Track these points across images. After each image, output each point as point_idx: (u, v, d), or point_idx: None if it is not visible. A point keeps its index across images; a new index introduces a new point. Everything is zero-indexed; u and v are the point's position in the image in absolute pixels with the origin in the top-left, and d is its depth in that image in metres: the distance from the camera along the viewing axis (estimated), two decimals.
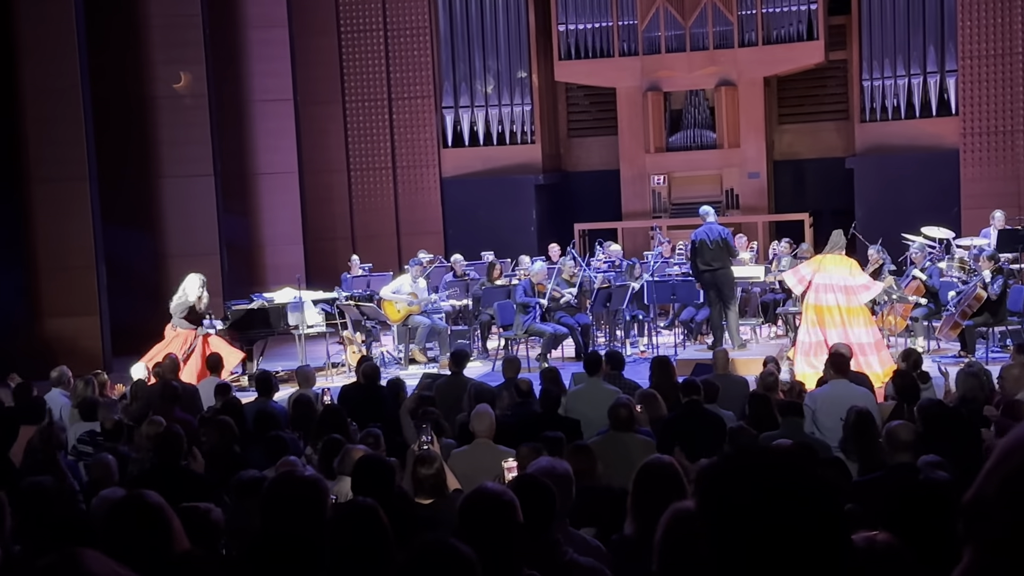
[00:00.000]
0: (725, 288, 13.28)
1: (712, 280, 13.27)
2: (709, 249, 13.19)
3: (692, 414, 7.82)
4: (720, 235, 13.25)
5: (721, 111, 19.48)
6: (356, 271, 17.09)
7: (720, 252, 13.22)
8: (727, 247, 13.30)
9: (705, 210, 13.70)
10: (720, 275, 13.26)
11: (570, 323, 14.39)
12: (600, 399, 8.69)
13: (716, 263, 13.21)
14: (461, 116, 20.36)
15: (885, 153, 18.82)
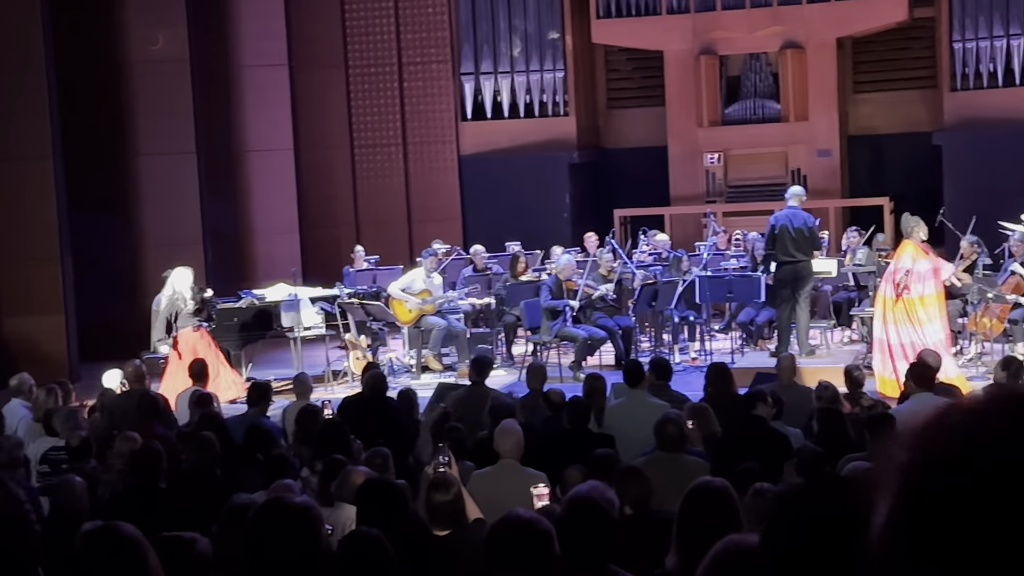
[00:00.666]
0: (803, 285, 13.26)
1: (793, 274, 13.24)
2: (792, 238, 13.16)
3: (753, 431, 7.81)
4: (806, 223, 13.23)
5: (786, 78, 19.41)
6: (360, 264, 17.11)
7: (805, 243, 13.20)
8: (813, 238, 13.28)
9: (793, 191, 13.68)
10: (802, 269, 13.25)
11: (609, 326, 14.39)
12: (644, 415, 8.68)
13: (799, 254, 13.19)
14: (483, 84, 20.36)
15: (979, 126, 18.71)
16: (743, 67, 19.77)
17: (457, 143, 20.47)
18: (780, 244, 13.21)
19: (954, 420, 1.22)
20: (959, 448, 1.19)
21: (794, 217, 13.25)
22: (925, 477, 1.19)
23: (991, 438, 1.18)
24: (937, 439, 1.21)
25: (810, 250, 13.31)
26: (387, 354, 15.22)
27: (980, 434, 1.18)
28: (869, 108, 20.45)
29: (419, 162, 20.57)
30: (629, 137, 21.14)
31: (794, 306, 13.28)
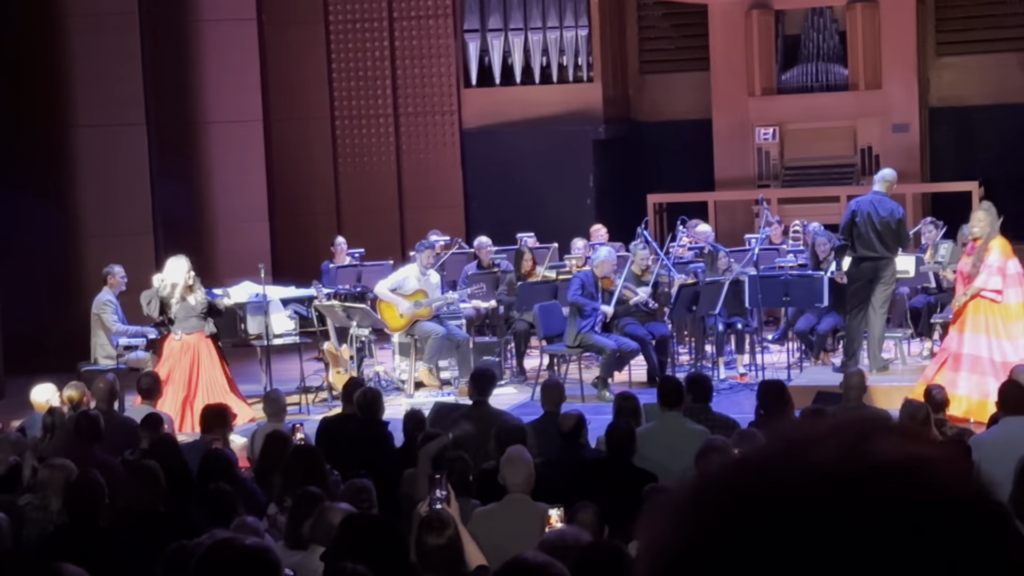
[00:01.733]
0: (882, 285, 13.25)
1: (873, 272, 13.22)
2: (875, 229, 13.15)
3: None
4: (894, 213, 13.21)
5: (856, 38, 19.39)
6: (342, 259, 17.11)
7: (891, 235, 13.19)
8: (900, 231, 13.27)
9: (884, 173, 13.66)
10: (884, 267, 13.24)
11: (641, 335, 14.37)
12: (680, 441, 8.68)
13: (883, 249, 13.18)
14: (490, 44, 20.37)
15: None
16: (803, 24, 19.75)
17: (459, 115, 20.48)
18: (860, 236, 13.20)
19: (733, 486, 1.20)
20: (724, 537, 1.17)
21: (880, 205, 13.23)
22: None
23: None
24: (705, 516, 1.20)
25: (896, 246, 13.30)
26: (373, 367, 15.20)
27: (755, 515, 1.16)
28: (955, 74, 20.41)
29: (413, 137, 20.58)
30: (666, 108, 21.13)
31: (867, 311, 13.26)
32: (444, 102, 20.49)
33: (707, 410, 9.73)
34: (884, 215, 13.16)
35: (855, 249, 13.29)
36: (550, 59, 20.35)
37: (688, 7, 20.36)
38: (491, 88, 20.45)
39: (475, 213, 20.22)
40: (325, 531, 5.92)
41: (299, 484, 7.04)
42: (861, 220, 13.20)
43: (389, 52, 20.50)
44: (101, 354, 14.23)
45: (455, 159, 20.50)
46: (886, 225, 13.16)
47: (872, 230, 13.15)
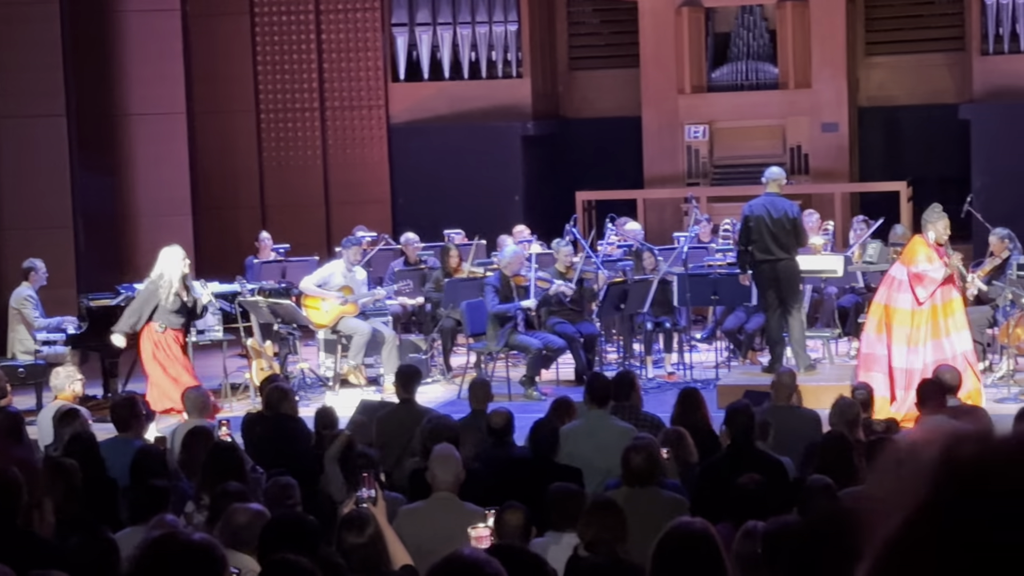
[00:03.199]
0: (789, 287, 13.29)
1: (772, 274, 13.27)
2: (770, 230, 13.19)
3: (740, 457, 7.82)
4: (787, 212, 13.25)
5: (786, 37, 19.49)
6: (267, 254, 17.03)
7: (786, 236, 13.22)
8: (796, 230, 13.30)
9: (772, 173, 13.70)
10: (783, 268, 13.26)
11: (569, 333, 14.38)
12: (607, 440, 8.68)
13: (779, 251, 13.21)
14: (419, 37, 20.31)
15: (1014, 99, 18.86)
16: (734, 22, 19.83)
17: (387, 109, 20.41)
18: (755, 239, 13.24)
19: (989, 451, 1.16)
20: (996, 488, 1.14)
21: (772, 206, 13.26)
22: (942, 518, 1.14)
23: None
24: (963, 472, 1.16)
25: (794, 245, 13.32)
26: (298, 364, 15.15)
27: None
28: (884, 74, 20.57)
29: (340, 131, 20.49)
30: (595, 105, 21.15)
31: (783, 313, 13.29)
32: (371, 96, 20.41)
33: (635, 409, 9.74)
34: (777, 215, 13.20)
35: (753, 253, 13.33)
36: (479, 54, 20.32)
37: (618, 4, 20.39)
38: (419, 83, 20.40)
39: (402, 209, 20.17)
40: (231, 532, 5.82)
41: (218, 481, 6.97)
42: (755, 224, 13.24)
43: (316, 45, 20.40)
44: (19, 349, 14.05)
45: (382, 154, 20.43)
46: (780, 225, 13.19)
47: (766, 232, 13.19)
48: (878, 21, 20.56)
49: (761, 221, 13.22)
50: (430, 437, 8.28)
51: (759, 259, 13.29)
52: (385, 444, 9.06)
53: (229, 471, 7.25)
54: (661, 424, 9.59)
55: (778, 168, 14.10)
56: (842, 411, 8.78)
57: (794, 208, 13.46)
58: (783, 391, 9.86)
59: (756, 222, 13.25)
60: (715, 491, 7.13)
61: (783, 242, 13.23)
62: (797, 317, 13.39)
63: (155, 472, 7.70)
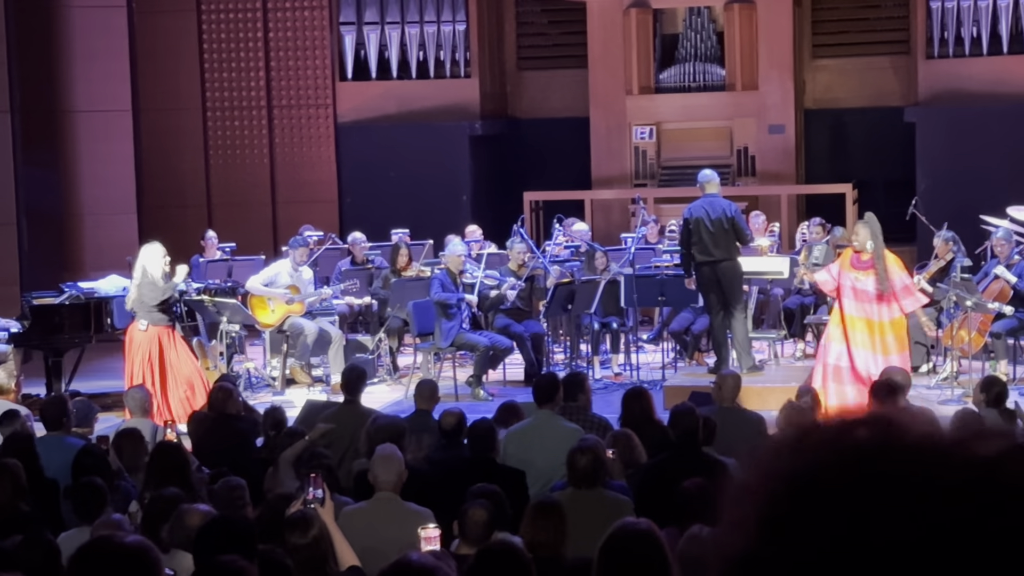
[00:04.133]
0: (730, 288, 13.34)
1: (713, 276, 13.32)
2: (709, 232, 13.23)
3: (685, 459, 7.84)
4: (725, 212, 13.29)
5: (733, 39, 19.55)
6: (213, 253, 16.96)
7: (725, 237, 13.26)
8: (736, 230, 13.34)
9: (705, 175, 13.74)
10: (724, 269, 13.30)
11: (517, 332, 14.39)
12: (554, 441, 8.68)
13: (719, 252, 13.25)
14: (367, 36, 20.26)
15: (959, 102, 18.99)
16: (682, 24, 19.87)
17: (334, 108, 20.35)
18: (695, 241, 13.29)
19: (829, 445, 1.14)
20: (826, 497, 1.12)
21: (711, 207, 13.30)
22: (775, 511, 1.13)
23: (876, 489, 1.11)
24: (801, 463, 1.15)
25: (733, 246, 13.37)
26: (244, 363, 15.10)
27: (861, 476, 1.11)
28: (830, 77, 20.67)
29: (287, 130, 20.41)
30: (543, 105, 21.16)
31: (726, 314, 13.34)
32: (319, 95, 20.35)
33: (582, 409, 9.75)
34: (716, 216, 13.25)
35: (694, 256, 13.38)
36: (427, 53, 20.29)
37: (566, 4, 20.39)
38: (367, 82, 20.35)
39: (349, 208, 20.12)
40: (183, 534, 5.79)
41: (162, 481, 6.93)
42: (694, 226, 13.29)
43: (263, 43, 20.32)
44: None
45: (329, 153, 20.37)
46: (719, 226, 13.23)
47: (706, 233, 13.24)
48: (824, 24, 20.67)
49: (700, 223, 13.27)
50: (375, 438, 8.27)
51: (699, 261, 13.32)
52: (329, 445, 9.03)
53: (172, 471, 7.21)
54: (609, 426, 9.60)
55: (710, 170, 14.11)
56: (790, 415, 8.84)
57: (732, 208, 13.49)
58: (728, 392, 9.89)
59: (695, 224, 13.30)
60: (659, 492, 7.14)
61: (722, 243, 13.27)
62: (740, 318, 13.43)
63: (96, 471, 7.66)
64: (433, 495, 7.52)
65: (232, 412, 9.69)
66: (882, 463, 1.12)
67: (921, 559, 1.08)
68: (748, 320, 13.85)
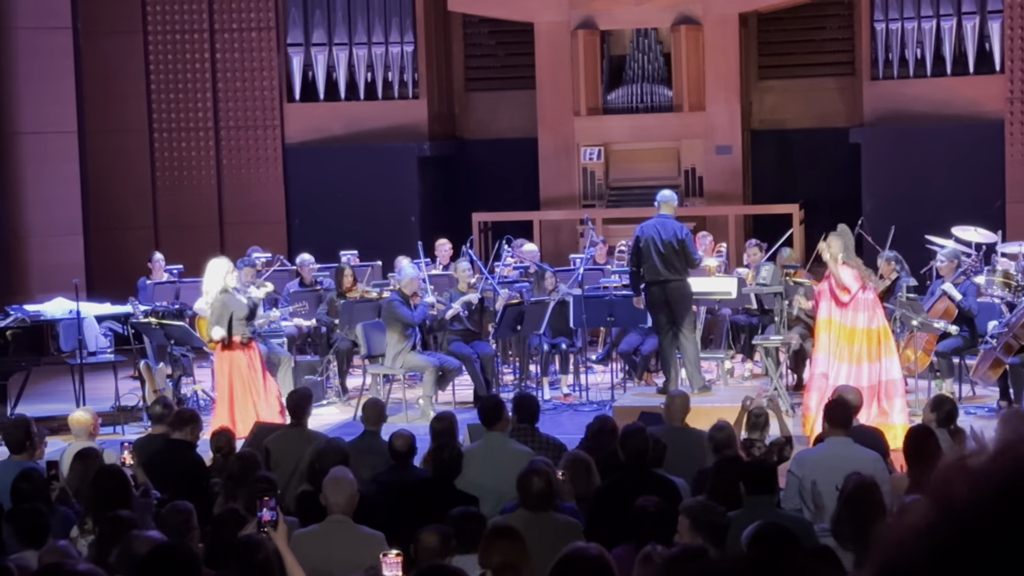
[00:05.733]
0: (679, 308, 13.36)
1: (662, 296, 13.34)
2: (660, 252, 13.26)
3: (636, 480, 7.83)
4: (676, 234, 13.32)
5: (680, 60, 19.63)
6: (160, 275, 16.85)
7: (676, 257, 13.30)
8: (685, 252, 13.37)
9: (664, 196, 13.77)
10: (673, 289, 13.33)
11: (465, 353, 14.37)
12: (502, 463, 8.65)
13: (669, 272, 13.28)
14: (314, 58, 20.23)
15: (904, 123, 19.14)
16: (629, 45, 19.94)
17: (282, 129, 20.30)
18: (645, 261, 13.32)
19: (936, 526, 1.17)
20: None
21: (663, 228, 13.33)
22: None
23: None
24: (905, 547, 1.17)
25: (683, 267, 13.41)
26: (192, 385, 15.01)
27: None
28: (776, 98, 20.79)
29: (235, 152, 20.33)
30: (492, 126, 21.18)
31: (676, 334, 13.37)
32: (267, 116, 20.29)
33: (533, 431, 9.73)
34: (667, 237, 13.28)
35: (643, 276, 13.41)
36: (375, 75, 20.27)
37: (514, 25, 20.43)
38: (315, 103, 20.31)
39: (298, 230, 20.06)
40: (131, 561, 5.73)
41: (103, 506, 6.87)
42: (644, 245, 13.33)
43: (210, 64, 20.25)
44: None
45: (277, 174, 20.30)
46: (669, 247, 13.27)
47: (656, 254, 13.27)
48: (770, 45, 20.80)
49: (651, 242, 13.29)
50: (318, 460, 8.26)
51: (649, 281, 13.35)
52: (274, 467, 8.99)
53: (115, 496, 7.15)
54: (562, 447, 9.58)
55: (670, 191, 14.17)
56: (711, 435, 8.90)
57: (683, 230, 13.53)
58: (677, 412, 9.90)
59: (646, 244, 13.32)
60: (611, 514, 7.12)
61: (673, 264, 13.30)
62: (690, 338, 13.45)
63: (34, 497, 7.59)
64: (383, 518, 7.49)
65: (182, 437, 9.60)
66: None
67: None
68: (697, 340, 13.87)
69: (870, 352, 12.28)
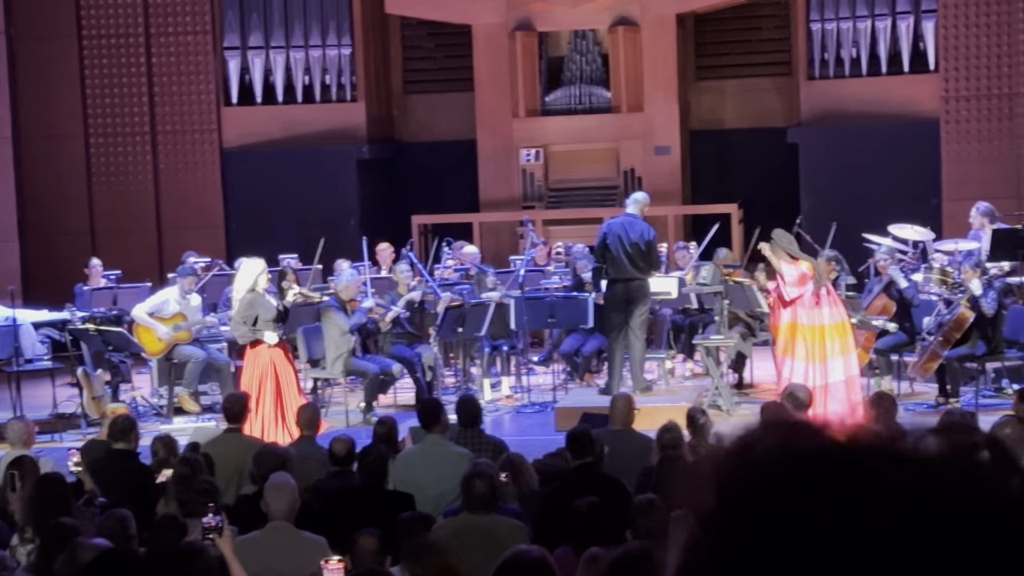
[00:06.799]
0: (639, 307, 13.41)
1: (625, 294, 13.36)
2: (626, 251, 13.29)
3: (583, 481, 7.83)
4: (643, 235, 13.37)
5: (618, 61, 19.66)
6: (97, 281, 16.74)
7: (642, 257, 13.34)
8: (651, 253, 13.43)
9: (636, 197, 13.84)
10: (636, 288, 13.38)
11: (407, 356, 14.33)
12: (443, 465, 8.64)
13: (634, 271, 13.33)
14: (251, 61, 20.13)
15: (840, 122, 19.25)
16: (567, 47, 19.95)
17: (219, 133, 20.18)
18: (612, 258, 13.34)
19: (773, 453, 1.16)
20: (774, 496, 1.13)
21: (631, 227, 13.38)
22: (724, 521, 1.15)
23: None
24: (742, 475, 1.16)
25: (648, 268, 13.46)
26: (131, 392, 14.93)
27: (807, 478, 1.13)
28: (714, 98, 20.86)
29: (171, 156, 20.19)
30: (430, 128, 21.14)
31: (626, 333, 13.41)
32: (203, 120, 20.16)
33: (477, 433, 9.73)
34: (634, 237, 13.33)
35: (608, 272, 13.44)
36: (312, 78, 20.19)
37: (451, 27, 20.41)
38: (252, 107, 20.21)
39: (236, 234, 19.94)
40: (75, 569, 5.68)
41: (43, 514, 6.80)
42: (612, 242, 13.36)
43: (146, 69, 20.10)
44: None
45: (215, 179, 20.18)
46: (636, 247, 13.32)
47: (623, 252, 13.31)
48: (708, 46, 20.86)
49: (619, 241, 13.33)
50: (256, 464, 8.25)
51: (614, 278, 13.39)
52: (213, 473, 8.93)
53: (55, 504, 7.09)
54: (504, 447, 9.58)
55: (643, 192, 14.27)
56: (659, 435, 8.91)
57: (650, 231, 13.61)
58: (621, 414, 9.90)
59: (614, 241, 13.35)
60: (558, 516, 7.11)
61: (638, 263, 13.37)
62: (640, 336, 13.52)
63: None
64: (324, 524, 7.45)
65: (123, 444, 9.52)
66: (831, 463, 1.14)
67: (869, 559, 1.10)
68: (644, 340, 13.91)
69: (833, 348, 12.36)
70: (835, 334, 12.38)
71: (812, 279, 12.36)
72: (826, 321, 12.37)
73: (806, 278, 12.35)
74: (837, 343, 12.38)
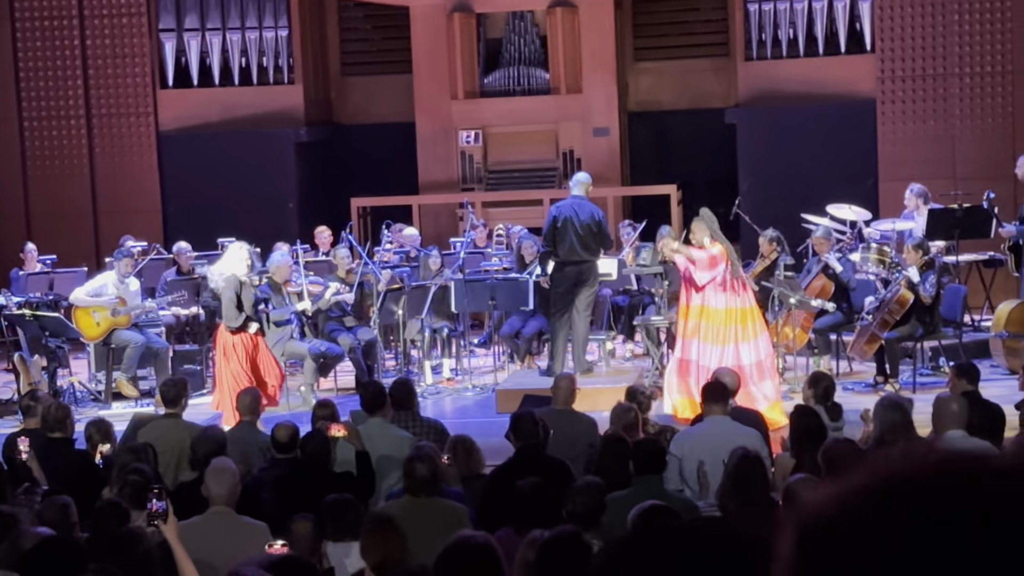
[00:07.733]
0: (588, 288, 13.45)
1: (576, 276, 13.39)
2: (577, 233, 13.31)
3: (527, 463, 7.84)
4: (593, 216, 13.41)
5: (556, 42, 19.66)
6: (33, 266, 16.63)
7: (593, 239, 13.37)
8: (601, 234, 13.46)
9: (580, 178, 13.84)
10: (586, 270, 13.43)
11: (347, 339, 14.30)
12: (384, 447, 8.64)
13: (586, 253, 13.36)
14: (187, 43, 19.98)
15: (777, 103, 19.33)
16: (505, 28, 19.93)
17: (155, 116, 20.03)
18: (562, 240, 13.35)
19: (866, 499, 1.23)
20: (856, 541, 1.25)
21: (580, 209, 13.41)
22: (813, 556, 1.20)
23: None
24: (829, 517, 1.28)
25: (598, 248, 13.51)
26: (68, 377, 14.83)
27: None
28: (652, 79, 20.90)
29: (107, 139, 20.04)
30: (369, 111, 21.07)
31: (571, 314, 13.44)
32: (139, 103, 20.00)
33: (415, 416, 9.72)
34: (585, 219, 13.36)
35: (557, 254, 13.46)
36: (249, 60, 20.07)
37: (389, 9, 20.33)
38: (189, 89, 20.07)
39: (173, 218, 19.82)
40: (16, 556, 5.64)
41: None
42: (562, 225, 13.38)
43: (80, 51, 19.91)
44: None
45: (151, 162, 20.04)
46: (587, 229, 13.35)
47: (574, 234, 13.34)
48: (645, 27, 20.88)
49: (569, 223, 13.35)
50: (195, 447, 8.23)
51: (564, 260, 13.41)
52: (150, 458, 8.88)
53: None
54: (444, 430, 9.57)
55: (586, 173, 14.26)
56: (618, 416, 8.91)
57: (599, 212, 13.67)
58: (563, 395, 9.92)
59: (564, 223, 13.36)
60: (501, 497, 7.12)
61: (589, 245, 13.40)
62: (584, 319, 13.56)
63: None
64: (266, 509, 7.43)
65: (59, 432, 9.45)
66: None
67: None
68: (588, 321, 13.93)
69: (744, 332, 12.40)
70: (744, 318, 12.43)
71: (723, 262, 12.39)
72: (735, 305, 12.40)
73: (716, 260, 12.37)
74: (748, 327, 12.43)
